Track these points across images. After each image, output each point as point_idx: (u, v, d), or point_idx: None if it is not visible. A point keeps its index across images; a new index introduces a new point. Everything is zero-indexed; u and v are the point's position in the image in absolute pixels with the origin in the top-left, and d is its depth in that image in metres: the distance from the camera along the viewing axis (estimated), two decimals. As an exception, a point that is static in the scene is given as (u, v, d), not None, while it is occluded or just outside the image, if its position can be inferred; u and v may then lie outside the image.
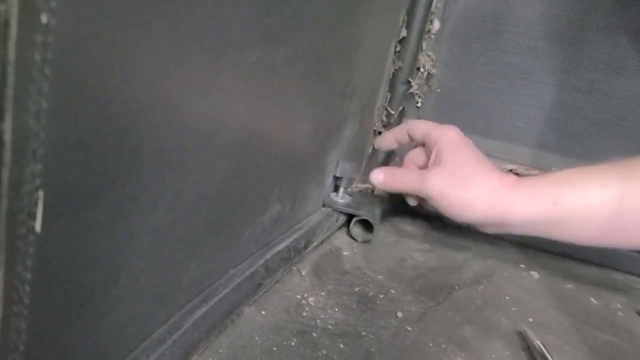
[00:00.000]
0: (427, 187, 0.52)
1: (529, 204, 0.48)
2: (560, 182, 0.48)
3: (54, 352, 0.23)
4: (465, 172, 0.51)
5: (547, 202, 0.48)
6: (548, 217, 0.48)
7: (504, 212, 0.49)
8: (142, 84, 0.22)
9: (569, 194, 0.47)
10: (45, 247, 0.20)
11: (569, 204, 0.47)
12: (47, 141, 0.18)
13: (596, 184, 0.46)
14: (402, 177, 0.56)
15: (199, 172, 0.30)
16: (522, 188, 0.49)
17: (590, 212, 0.46)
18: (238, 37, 0.30)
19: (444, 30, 0.70)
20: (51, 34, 0.16)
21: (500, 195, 0.50)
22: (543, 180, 0.50)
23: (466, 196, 0.50)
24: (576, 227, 0.48)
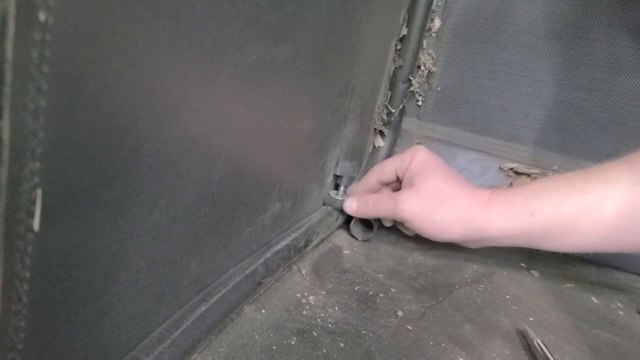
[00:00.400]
0: (401, 211, 0.52)
1: (505, 219, 0.49)
2: (536, 193, 0.48)
3: (52, 351, 0.23)
4: (438, 194, 0.51)
5: (523, 215, 0.48)
6: (526, 230, 0.48)
7: (481, 229, 0.50)
8: (141, 82, 0.22)
9: (545, 205, 0.47)
10: (44, 246, 0.19)
11: (544, 217, 0.47)
12: (45, 140, 0.18)
13: (572, 193, 0.46)
14: (376, 204, 0.55)
15: (199, 171, 0.30)
16: (496, 203, 0.49)
17: (567, 222, 0.46)
18: (238, 35, 0.29)
19: (445, 29, 0.70)
20: (49, 32, 0.16)
21: (475, 214, 0.50)
22: (518, 192, 0.50)
23: (441, 218, 0.51)
24: (555, 238, 0.48)
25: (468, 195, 0.51)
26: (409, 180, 0.54)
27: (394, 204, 0.52)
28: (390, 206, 0.53)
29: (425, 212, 0.51)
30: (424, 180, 0.52)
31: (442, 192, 0.51)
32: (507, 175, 0.70)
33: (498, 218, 0.49)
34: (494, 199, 0.50)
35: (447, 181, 0.52)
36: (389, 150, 0.73)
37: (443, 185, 0.51)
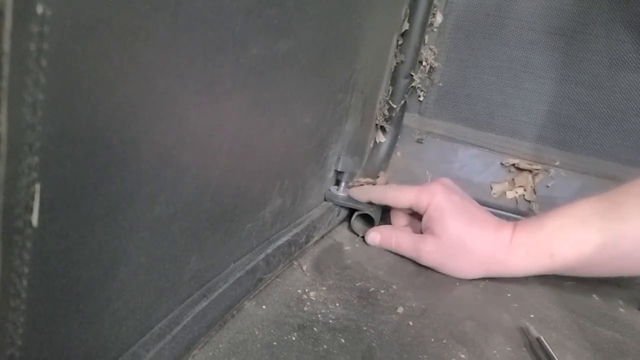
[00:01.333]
0: (424, 260, 0.54)
1: (526, 261, 0.51)
2: (555, 233, 0.49)
3: (52, 346, 0.23)
4: (459, 242, 0.52)
5: (543, 257, 0.50)
6: (547, 269, 0.50)
7: (505, 270, 0.52)
8: (140, 76, 0.22)
9: (564, 246, 0.49)
10: (43, 241, 0.19)
11: (564, 258, 0.49)
12: (43, 134, 0.17)
13: (589, 233, 0.47)
14: (398, 243, 0.56)
15: (199, 166, 0.30)
16: (517, 246, 0.51)
17: (586, 260, 0.48)
18: (239, 29, 0.29)
19: (447, 24, 0.69)
20: (47, 25, 0.16)
21: (498, 258, 0.51)
22: (538, 233, 0.50)
23: (463, 265, 0.52)
24: (576, 272, 0.51)
25: (490, 240, 0.52)
26: (428, 225, 0.54)
27: (416, 251, 0.54)
28: (412, 252, 0.54)
29: (449, 260, 0.53)
30: (444, 229, 0.52)
31: (463, 240, 0.52)
32: (508, 171, 0.70)
33: (520, 261, 0.51)
34: (515, 242, 0.51)
35: (467, 225, 0.52)
36: (390, 145, 0.73)
37: (463, 232, 0.52)
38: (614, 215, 0.47)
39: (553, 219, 0.50)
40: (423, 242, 0.54)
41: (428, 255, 0.53)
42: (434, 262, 0.53)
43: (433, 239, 0.53)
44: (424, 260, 0.53)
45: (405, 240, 0.55)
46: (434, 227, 0.53)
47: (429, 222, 0.54)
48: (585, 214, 0.48)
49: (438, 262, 0.53)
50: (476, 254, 0.52)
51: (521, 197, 0.69)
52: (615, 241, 0.46)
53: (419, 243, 0.54)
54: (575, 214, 0.49)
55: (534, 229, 0.51)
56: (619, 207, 0.47)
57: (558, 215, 0.50)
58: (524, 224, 0.52)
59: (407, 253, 0.55)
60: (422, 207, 0.55)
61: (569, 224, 0.49)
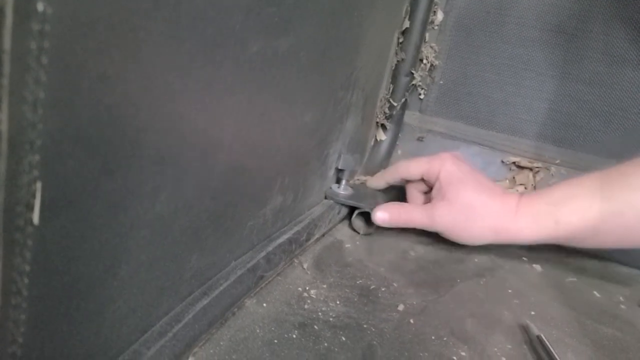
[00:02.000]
0: (435, 224, 0.55)
1: (533, 228, 0.52)
2: (561, 201, 0.50)
3: (53, 344, 0.23)
4: (470, 206, 0.54)
5: (550, 224, 0.50)
6: (553, 236, 0.51)
7: (511, 237, 0.53)
8: (141, 74, 0.22)
9: (569, 215, 0.49)
10: (44, 239, 0.19)
11: (570, 225, 0.50)
12: (44, 132, 0.17)
13: (595, 202, 0.48)
14: (409, 216, 0.57)
15: (200, 164, 0.30)
16: (524, 213, 0.52)
17: (591, 228, 0.48)
18: (239, 26, 0.29)
19: (447, 22, 0.69)
20: (48, 23, 0.16)
21: (505, 223, 0.52)
22: (545, 200, 0.52)
23: (474, 229, 0.54)
24: (581, 241, 0.51)
25: (498, 204, 0.53)
26: (439, 191, 0.56)
27: (429, 219, 0.55)
28: (424, 220, 0.56)
29: (460, 224, 0.54)
30: (456, 193, 0.54)
31: (473, 204, 0.53)
32: (509, 169, 0.70)
33: (526, 227, 0.52)
34: (522, 208, 0.52)
35: (477, 191, 0.54)
36: (391, 143, 0.73)
37: (474, 196, 0.54)
38: (621, 186, 0.47)
39: (560, 188, 0.52)
40: (434, 207, 0.55)
41: (440, 219, 0.55)
42: (446, 226, 0.55)
43: (444, 203, 0.55)
44: (436, 225, 0.55)
45: (415, 211, 0.57)
46: (445, 192, 0.55)
47: (441, 188, 0.55)
48: (592, 184, 0.49)
49: (449, 227, 0.55)
50: (485, 219, 0.53)
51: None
52: (621, 211, 0.47)
53: (430, 210, 0.55)
54: (582, 184, 0.50)
55: (541, 197, 0.52)
56: (626, 177, 0.47)
57: (565, 185, 0.52)
58: (531, 193, 0.54)
59: (419, 222, 0.56)
60: (433, 175, 0.57)
61: (576, 193, 0.50)
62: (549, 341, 0.40)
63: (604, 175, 0.49)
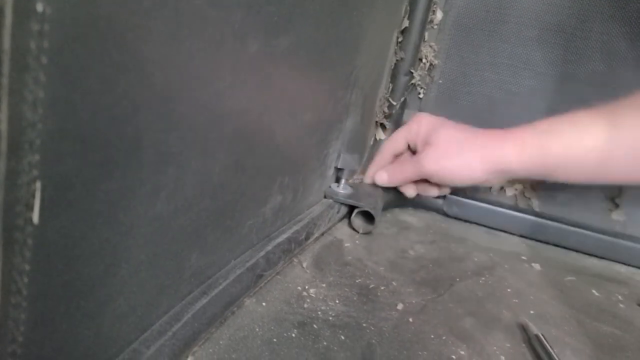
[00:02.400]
0: (426, 166, 0.57)
1: (520, 156, 0.53)
2: (547, 133, 0.52)
3: (53, 343, 0.23)
4: (454, 142, 0.56)
5: (536, 153, 0.52)
6: (540, 165, 0.53)
7: (500, 165, 0.54)
8: (141, 73, 0.22)
9: (556, 145, 0.51)
10: (44, 238, 0.19)
11: (556, 155, 0.51)
12: (44, 131, 0.18)
13: (581, 134, 0.50)
14: (402, 168, 0.60)
15: (200, 163, 0.30)
16: (511, 140, 0.54)
17: (577, 160, 0.50)
18: (238, 25, 0.29)
19: (447, 21, 0.69)
20: (47, 23, 0.16)
21: (493, 151, 0.54)
22: (531, 131, 0.53)
23: (461, 161, 0.55)
24: (567, 172, 0.52)
25: (482, 136, 0.55)
26: (423, 142, 0.59)
27: (418, 165, 0.58)
28: (415, 167, 0.58)
29: (447, 161, 0.56)
30: (437, 135, 0.57)
31: (457, 139, 0.56)
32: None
33: (514, 155, 0.53)
34: (510, 136, 0.54)
35: (459, 129, 0.57)
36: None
37: (456, 133, 0.56)
38: (610, 123, 0.49)
39: (549, 121, 0.53)
40: (422, 153, 0.58)
41: (429, 162, 0.57)
42: (434, 168, 0.57)
43: (430, 147, 0.58)
44: (426, 168, 0.57)
45: (406, 163, 0.60)
46: (429, 139, 0.58)
47: (423, 139, 0.59)
48: (582, 119, 0.51)
49: (438, 167, 0.57)
50: (471, 150, 0.55)
51: (521, 193, 0.69)
52: (608, 147, 0.48)
53: (418, 158, 0.59)
54: (571, 119, 0.52)
55: (529, 128, 0.54)
56: (616, 116, 0.49)
57: (554, 119, 0.53)
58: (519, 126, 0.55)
59: (411, 173, 0.60)
60: (414, 133, 0.60)
61: (565, 126, 0.52)
62: (547, 340, 0.40)
63: (595, 112, 0.51)
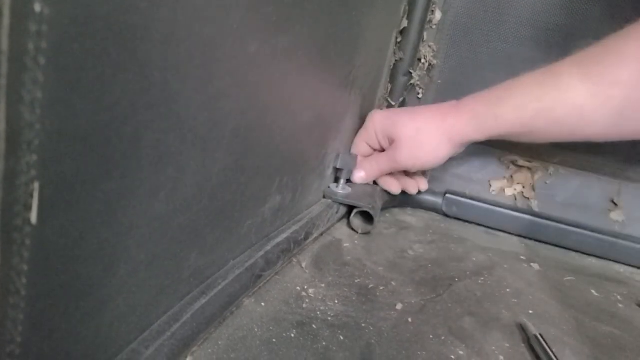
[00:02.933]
0: (400, 163, 0.61)
1: (475, 125, 0.56)
2: (497, 100, 0.55)
3: (51, 343, 0.23)
4: (415, 131, 0.58)
5: (489, 119, 0.55)
6: (495, 132, 0.55)
7: (461, 135, 0.57)
8: (139, 73, 0.22)
9: (506, 109, 0.54)
10: (42, 239, 0.19)
11: (507, 119, 0.54)
12: (42, 132, 0.18)
13: (528, 100, 0.53)
14: (378, 162, 0.62)
15: (199, 163, 0.30)
16: (465, 110, 0.56)
17: (526, 124, 0.53)
18: (237, 25, 0.29)
19: (446, 21, 0.69)
20: (45, 23, 0.16)
21: (452, 128, 0.57)
22: (481, 100, 0.56)
23: (430, 146, 0.58)
24: (520, 136, 0.55)
25: (437, 115, 0.58)
26: (386, 139, 0.61)
27: (392, 161, 0.61)
28: (390, 163, 0.62)
29: (418, 153, 0.59)
30: (397, 132, 0.60)
31: (416, 127, 0.59)
32: (507, 167, 0.70)
33: (469, 125, 0.56)
34: (462, 109, 0.57)
35: (413, 118, 0.59)
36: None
37: (412, 124, 0.59)
38: (552, 84, 0.52)
39: (497, 88, 0.55)
40: (393, 151, 0.61)
41: (401, 158, 0.60)
42: (409, 161, 0.60)
43: (396, 145, 0.60)
44: (401, 163, 0.60)
45: (381, 159, 0.62)
46: (391, 136, 0.60)
47: (386, 136, 0.61)
48: (527, 83, 0.54)
49: (412, 160, 0.60)
50: (433, 132, 0.58)
51: (520, 194, 0.69)
52: (552, 106, 0.51)
53: (392, 155, 0.61)
54: (517, 84, 0.54)
55: (478, 99, 0.56)
56: (558, 77, 0.52)
57: (502, 85, 0.55)
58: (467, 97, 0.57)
59: (388, 167, 0.62)
60: (372, 136, 0.62)
61: (512, 92, 0.54)
62: (545, 341, 0.40)
63: (538, 75, 0.53)
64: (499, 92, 0.55)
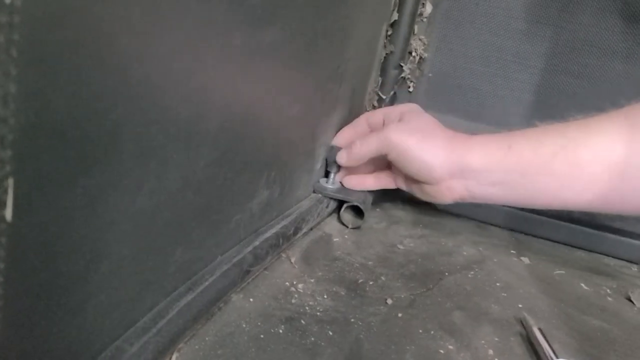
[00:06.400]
0: (389, 141, 0.53)
1: (484, 149, 0.51)
2: (519, 132, 0.51)
3: (32, 341, 0.22)
4: (425, 127, 0.54)
5: (501, 148, 0.49)
6: (503, 164, 0.49)
7: (462, 157, 0.51)
8: (118, 65, 0.22)
9: (523, 142, 0.49)
10: (19, 236, 0.19)
11: (522, 151, 0.49)
12: (16, 126, 0.17)
13: (550, 135, 0.48)
14: (364, 141, 0.55)
15: (183, 157, 0.30)
16: (476, 139, 0.52)
17: (542, 161, 0.47)
18: (222, 18, 0.29)
19: (436, 14, 0.69)
20: (17, 14, 0.16)
21: (458, 142, 0.52)
22: (498, 134, 0.52)
23: (427, 144, 0.52)
24: (531, 179, 0.49)
25: (451, 132, 0.54)
26: (399, 118, 0.57)
27: (384, 138, 0.54)
28: (379, 137, 0.54)
29: (413, 138, 0.52)
30: (415, 118, 0.56)
31: (428, 125, 0.55)
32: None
33: (476, 146, 0.51)
34: (475, 137, 0.52)
35: (433, 122, 0.55)
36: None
37: (429, 122, 0.55)
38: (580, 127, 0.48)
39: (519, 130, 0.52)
40: (390, 126, 0.55)
41: (395, 135, 0.53)
42: (400, 142, 0.52)
43: (400, 123, 0.55)
44: (391, 141, 0.53)
45: (370, 135, 0.55)
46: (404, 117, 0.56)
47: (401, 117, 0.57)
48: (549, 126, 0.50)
49: (403, 143, 0.52)
50: (439, 137, 0.53)
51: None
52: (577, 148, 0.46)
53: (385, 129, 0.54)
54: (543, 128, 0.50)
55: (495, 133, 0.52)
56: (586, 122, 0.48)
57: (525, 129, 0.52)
58: None
59: (375, 145, 0.54)
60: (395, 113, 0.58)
61: (532, 130, 0.50)
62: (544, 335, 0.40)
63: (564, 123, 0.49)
64: (519, 131, 0.51)
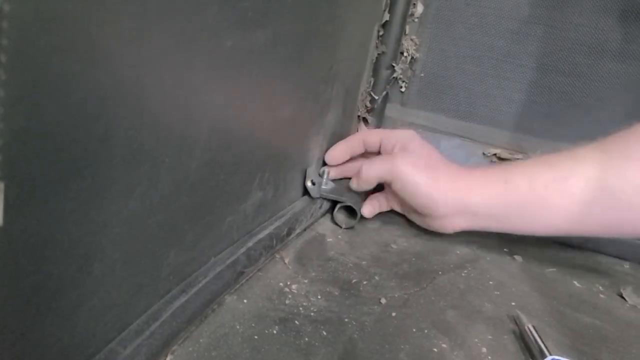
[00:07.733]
0: (400, 170, 0.54)
1: (483, 185, 0.53)
2: (512, 167, 0.53)
3: (25, 345, 0.22)
4: (433, 164, 0.56)
5: (499, 183, 0.52)
6: (502, 199, 0.52)
7: (463, 193, 0.53)
8: (109, 69, 0.22)
9: (519, 176, 0.51)
10: (10, 240, 0.19)
11: (518, 185, 0.51)
12: (6, 131, 0.17)
13: (542, 167, 0.50)
14: (369, 166, 0.56)
15: (175, 159, 0.30)
16: (477, 172, 0.54)
17: (537, 194, 0.50)
18: (212, 20, 0.29)
19: (428, 14, 0.69)
20: (6, 20, 0.16)
21: (461, 180, 0.54)
22: (496, 167, 0.55)
23: (435, 182, 0.54)
24: (529, 211, 0.51)
25: (454, 167, 0.56)
26: (398, 147, 0.58)
27: (390, 161, 0.55)
28: (386, 164, 0.56)
29: (423, 175, 0.54)
30: (416, 147, 0.57)
31: (432, 159, 0.56)
32: (490, 160, 0.70)
33: (477, 184, 0.53)
34: (473, 172, 0.54)
35: (437, 155, 0.57)
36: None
37: (433, 155, 0.57)
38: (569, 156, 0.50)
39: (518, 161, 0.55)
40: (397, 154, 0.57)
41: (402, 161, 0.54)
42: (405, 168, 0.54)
43: (407, 152, 0.57)
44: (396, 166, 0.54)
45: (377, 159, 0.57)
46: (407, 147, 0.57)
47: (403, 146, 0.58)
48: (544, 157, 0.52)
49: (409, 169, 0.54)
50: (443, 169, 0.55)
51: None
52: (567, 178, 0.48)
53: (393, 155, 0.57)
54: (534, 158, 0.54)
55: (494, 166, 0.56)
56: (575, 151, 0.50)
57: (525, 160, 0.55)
58: None
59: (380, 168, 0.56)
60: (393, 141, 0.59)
61: (526, 163, 0.53)
62: (537, 332, 0.40)
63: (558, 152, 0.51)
64: (515, 163, 0.55)
